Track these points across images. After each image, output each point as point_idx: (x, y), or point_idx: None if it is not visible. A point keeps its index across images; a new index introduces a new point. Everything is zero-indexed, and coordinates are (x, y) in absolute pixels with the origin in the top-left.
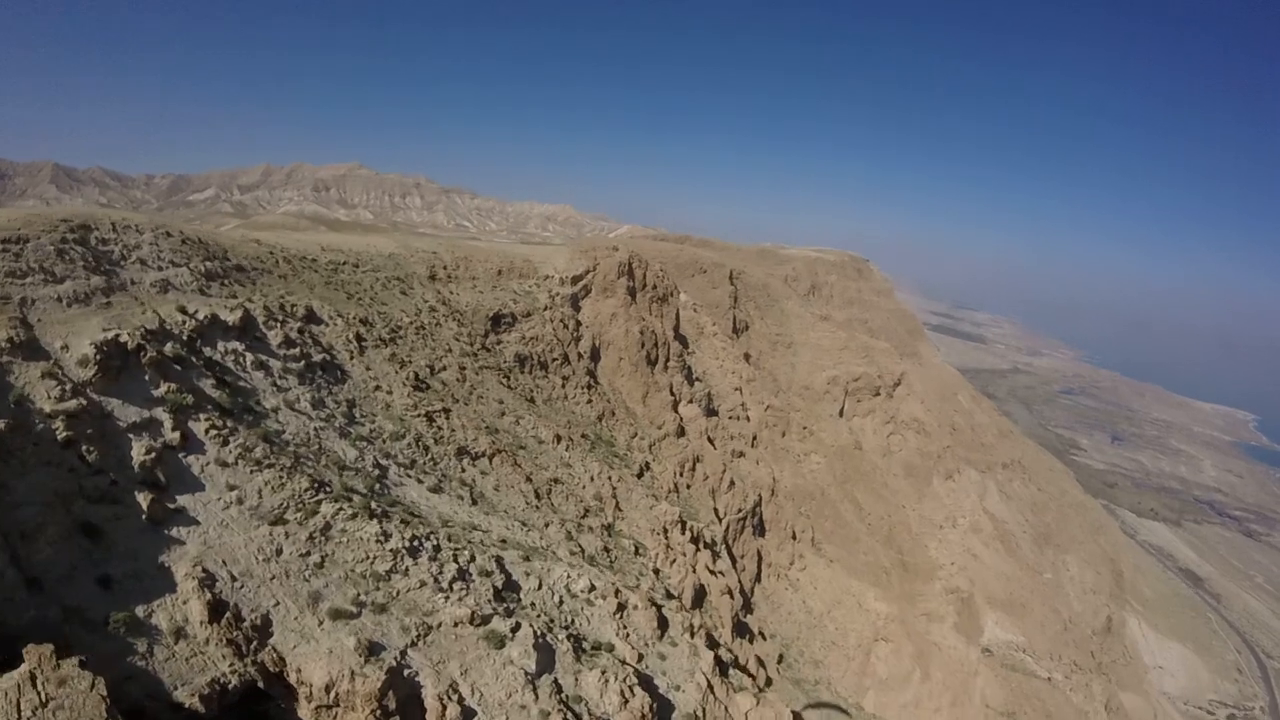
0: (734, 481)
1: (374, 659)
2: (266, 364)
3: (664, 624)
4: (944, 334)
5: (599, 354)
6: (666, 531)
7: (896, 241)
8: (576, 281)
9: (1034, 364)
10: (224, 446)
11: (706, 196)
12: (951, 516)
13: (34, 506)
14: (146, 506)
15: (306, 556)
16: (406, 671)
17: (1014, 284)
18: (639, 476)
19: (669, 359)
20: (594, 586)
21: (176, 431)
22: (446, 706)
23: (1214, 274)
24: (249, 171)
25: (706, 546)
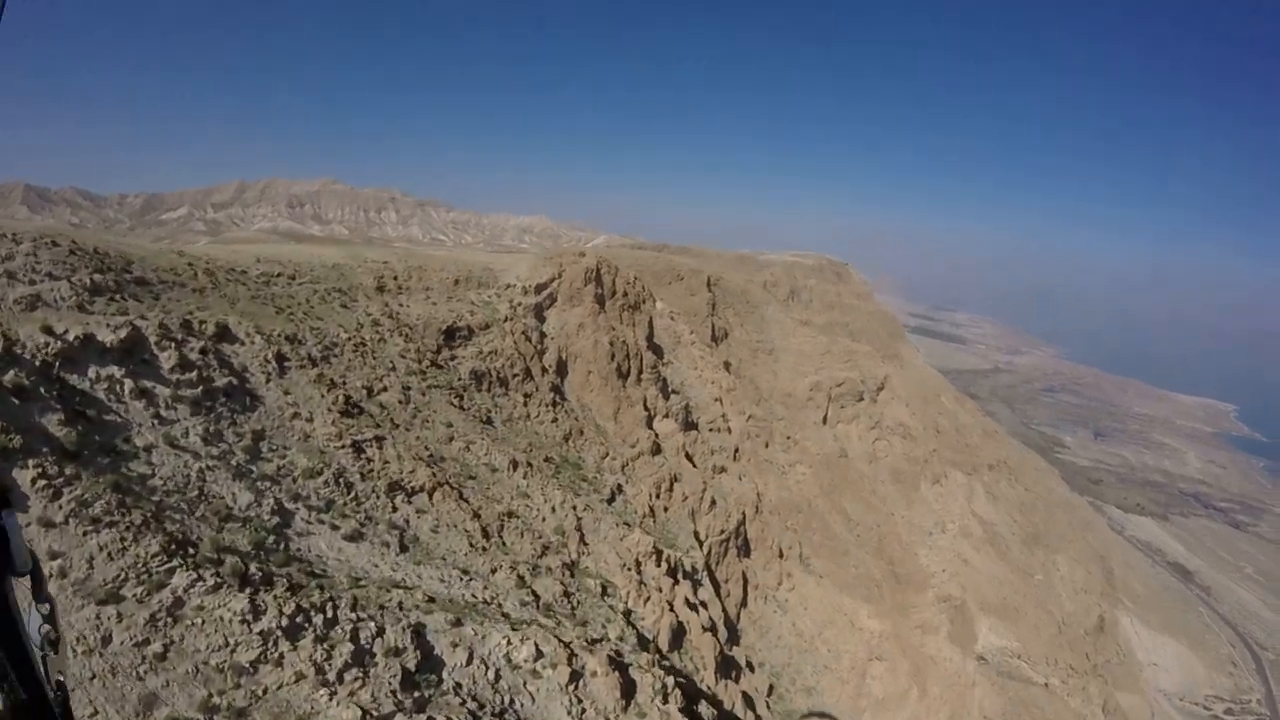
0: (715, 500)
1: None
2: (151, 392)
3: (630, 690)
4: (924, 335)
5: (566, 368)
6: (639, 565)
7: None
8: (540, 290)
9: (1015, 362)
10: (53, 501)
11: (684, 202)
12: (941, 522)
13: None
14: None
15: (144, 646)
16: None
17: (992, 277)
18: (610, 502)
19: (642, 371)
20: (541, 653)
21: None
22: None
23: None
24: (222, 189)
25: (686, 576)
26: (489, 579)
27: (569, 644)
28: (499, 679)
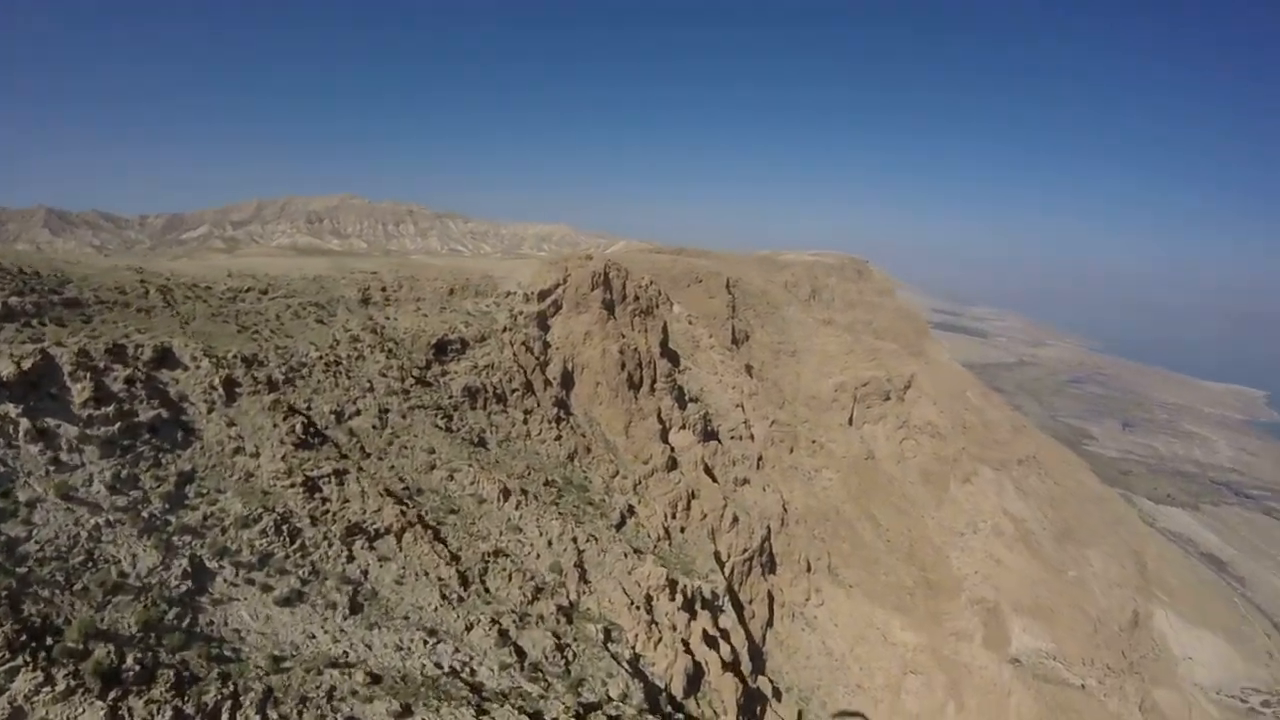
0: (737, 516)
1: None
2: (53, 431)
3: None
4: (947, 331)
5: (571, 380)
6: (650, 601)
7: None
8: (544, 297)
9: (1039, 355)
10: None
11: (705, 208)
12: (972, 522)
13: None
14: None
15: None
16: None
17: (1003, 276)
18: (619, 527)
19: (656, 379)
20: None
21: None
22: None
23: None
24: (242, 207)
25: (705, 606)
26: (462, 639)
27: None
28: None
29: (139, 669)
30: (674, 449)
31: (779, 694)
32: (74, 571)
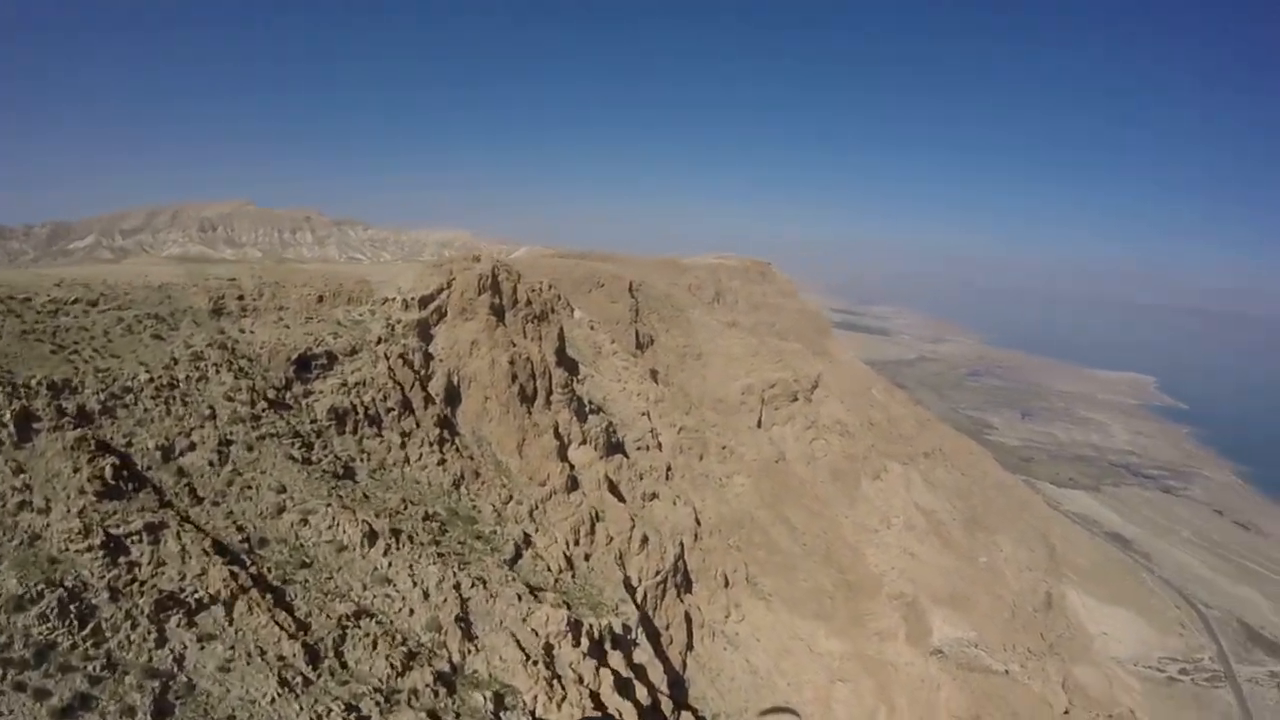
0: (647, 536)
1: None
2: None
3: None
4: (848, 330)
5: (457, 395)
6: (551, 650)
7: (798, 247)
8: (426, 304)
9: (939, 350)
10: None
11: (613, 213)
12: (885, 517)
13: None
14: None
15: None
16: None
17: (910, 281)
18: (512, 563)
19: (551, 391)
20: None
21: None
22: None
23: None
24: (132, 214)
25: (616, 645)
26: None
27: None
28: None
29: None
30: (574, 467)
31: None
32: None
